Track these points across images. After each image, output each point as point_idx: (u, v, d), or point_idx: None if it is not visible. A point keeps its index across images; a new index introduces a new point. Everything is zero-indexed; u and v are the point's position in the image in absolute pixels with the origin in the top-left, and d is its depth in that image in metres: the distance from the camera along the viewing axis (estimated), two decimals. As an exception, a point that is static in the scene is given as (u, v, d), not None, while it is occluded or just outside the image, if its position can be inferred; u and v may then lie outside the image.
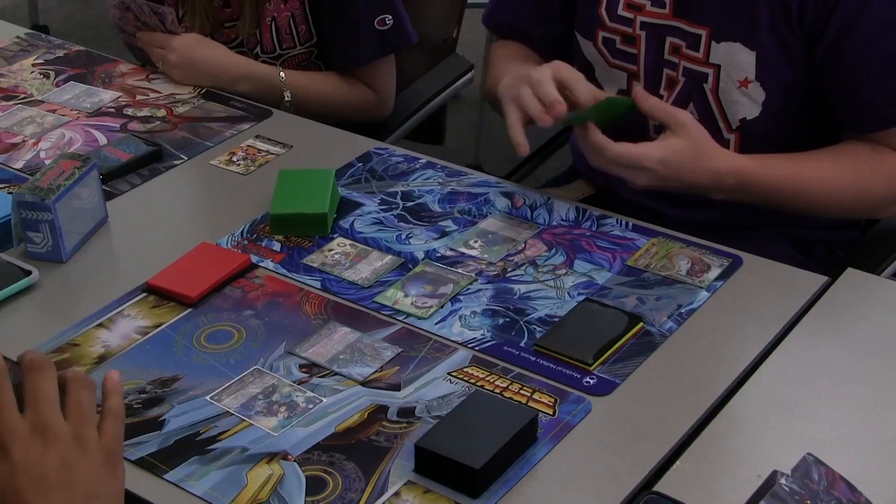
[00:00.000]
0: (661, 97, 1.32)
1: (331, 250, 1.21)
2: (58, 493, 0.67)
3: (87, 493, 0.68)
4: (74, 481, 0.68)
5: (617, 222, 1.25)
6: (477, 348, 1.06)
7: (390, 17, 1.63)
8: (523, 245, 1.21)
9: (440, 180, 1.33)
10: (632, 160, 1.19)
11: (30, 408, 0.68)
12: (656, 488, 0.90)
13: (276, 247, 1.22)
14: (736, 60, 1.26)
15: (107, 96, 1.54)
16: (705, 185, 1.23)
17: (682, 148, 1.20)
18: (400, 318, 1.10)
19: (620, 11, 1.32)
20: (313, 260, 1.19)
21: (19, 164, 1.38)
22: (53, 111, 1.50)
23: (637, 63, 1.34)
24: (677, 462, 0.93)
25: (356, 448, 0.95)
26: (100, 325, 1.10)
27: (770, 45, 1.24)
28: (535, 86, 1.22)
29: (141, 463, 0.94)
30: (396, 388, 1.01)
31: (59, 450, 0.68)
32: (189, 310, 1.12)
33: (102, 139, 1.43)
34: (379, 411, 0.99)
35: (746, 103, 1.28)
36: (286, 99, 1.62)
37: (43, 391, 0.69)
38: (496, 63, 1.47)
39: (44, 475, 0.67)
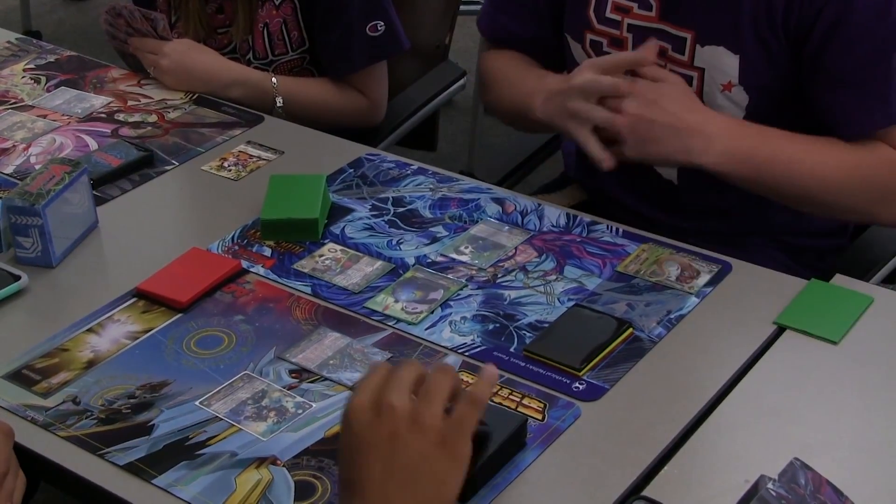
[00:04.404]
0: None
1: (321, 256, 1.21)
2: (379, 460, 0.74)
3: (408, 466, 0.74)
4: (397, 453, 0.75)
5: (607, 228, 1.25)
6: (467, 354, 1.06)
7: (382, 23, 1.64)
8: (514, 251, 1.21)
9: (431, 186, 1.34)
10: (614, 82, 1.20)
11: (382, 389, 0.77)
12: (644, 493, 0.90)
13: (267, 252, 1.22)
14: (719, 64, 1.26)
15: (98, 101, 1.54)
16: (697, 126, 1.21)
17: (671, 84, 1.23)
18: (390, 324, 1.10)
19: (608, 14, 1.33)
20: (304, 265, 1.20)
21: (9, 169, 1.38)
22: (44, 116, 1.51)
23: None
24: (665, 467, 0.94)
25: (345, 453, 0.95)
26: (89, 330, 1.10)
27: (753, 48, 1.25)
28: (587, 91, 1.22)
29: (129, 468, 0.94)
30: (386, 393, 1.02)
31: (390, 423, 0.75)
32: (179, 315, 1.12)
33: (93, 144, 1.44)
34: (368, 416, 0.99)
35: (730, 107, 1.28)
36: (278, 105, 1.62)
37: (398, 376, 0.78)
38: (501, 72, 1.45)
39: (371, 442, 0.75)
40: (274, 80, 1.63)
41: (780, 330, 1.09)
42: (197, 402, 1.01)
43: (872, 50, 1.21)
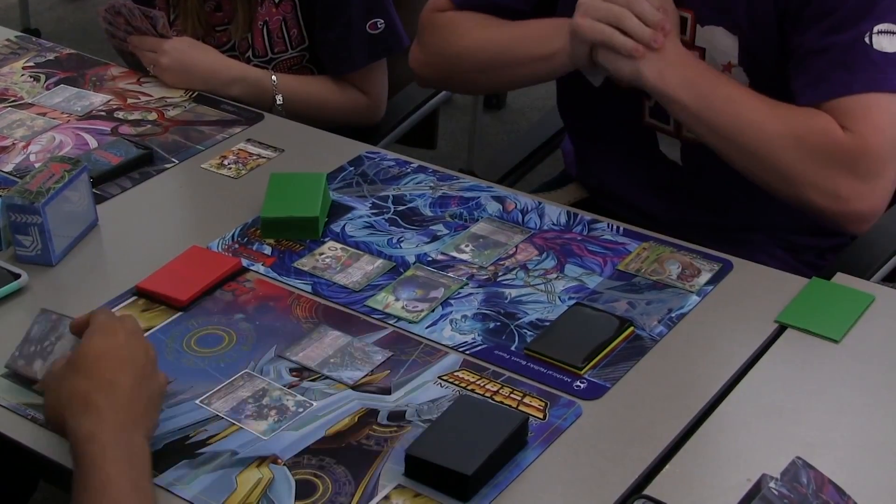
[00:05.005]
0: None
1: (322, 254, 1.21)
2: (137, 384, 0.92)
3: (150, 396, 0.93)
4: (148, 383, 0.93)
5: (608, 226, 1.25)
6: (467, 352, 1.06)
7: (382, 21, 1.64)
8: (514, 249, 1.21)
9: (431, 184, 1.33)
10: None
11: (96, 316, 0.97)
12: (646, 492, 0.90)
13: (267, 250, 1.22)
14: (719, 44, 1.26)
15: (97, 99, 1.54)
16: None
17: None
18: (391, 322, 1.10)
19: None
20: (304, 264, 1.19)
21: (9, 168, 1.38)
22: (44, 114, 1.50)
23: None
24: (667, 466, 0.93)
25: (346, 452, 0.95)
26: (89, 329, 1.10)
27: (750, 29, 1.24)
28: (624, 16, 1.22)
29: (130, 467, 0.94)
30: (387, 391, 1.01)
31: (145, 353, 0.95)
32: (179, 313, 1.12)
33: (93, 142, 1.43)
34: (369, 415, 0.99)
35: None
36: (278, 102, 1.62)
37: (135, 322, 0.98)
38: (472, 22, 1.40)
39: (135, 364, 0.92)
40: (274, 77, 1.62)
41: (782, 328, 1.09)
42: (197, 401, 1.01)
43: (841, 17, 1.19)
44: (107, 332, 0.94)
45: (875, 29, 1.17)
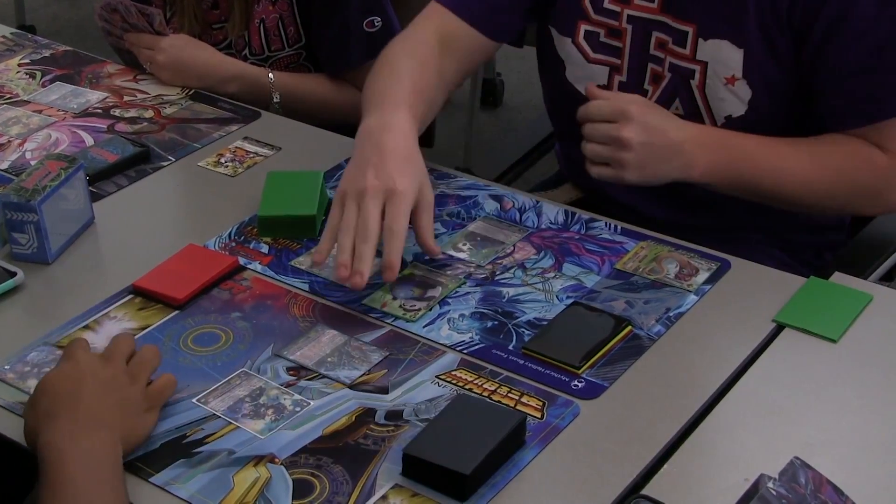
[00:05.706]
0: (645, 92, 1.31)
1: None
2: (100, 393, 0.93)
3: (120, 401, 0.94)
4: (115, 391, 0.94)
5: (606, 225, 1.25)
6: (465, 351, 1.06)
7: (379, 19, 1.63)
8: (512, 248, 1.21)
9: (429, 183, 1.33)
10: (614, 107, 1.20)
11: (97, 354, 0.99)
12: (644, 492, 0.90)
13: (264, 249, 1.21)
14: (723, 58, 1.26)
15: (94, 97, 1.53)
16: (689, 139, 1.22)
17: (643, 101, 1.23)
18: (388, 321, 1.10)
19: (607, 5, 1.31)
20: (301, 262, 1.19)
21: (4, 165, 1.37)
22: (39, 111, 1.50)
23: (621, 57, 1.32)
24: (665, 465, 0.93)
25: (343, 451, 0.95)
26: (86, 327, 1.10)
27: (757, 43, 1.24)
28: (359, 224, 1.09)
29: (127, 466, 0.93)
30: (384, 391, 1.01)
31: (113, 368, 0.96)
32: (176, 312, 1.12)
33: (89, 140, 1.43)
34: (367, 414, 0.99)
35: (732, 101, 1.27)
36: (275, 100, 1.62)
37: (118, 344, 0.99)
38: (396, 63, 1.30)
39: (97, 377, 0.94)
40: (271, 75, 1.62)
41: (780, 328, 1.09)
42: (194, 400, 1.00)
43: (879, 40, 1.20)
44: (67, 357, 0.97)
45: None
